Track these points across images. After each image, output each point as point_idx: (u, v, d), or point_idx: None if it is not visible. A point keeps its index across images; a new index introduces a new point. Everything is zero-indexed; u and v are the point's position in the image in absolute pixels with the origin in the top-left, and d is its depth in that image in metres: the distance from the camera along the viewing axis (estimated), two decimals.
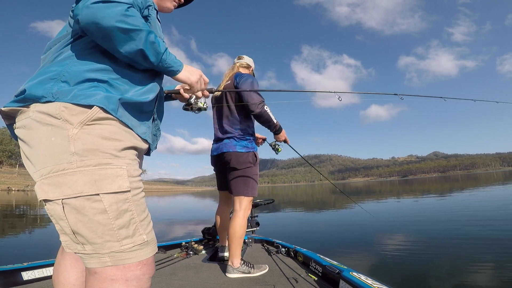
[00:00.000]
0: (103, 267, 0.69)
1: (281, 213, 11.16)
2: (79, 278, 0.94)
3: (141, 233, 0.74)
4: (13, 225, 8.39)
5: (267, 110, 2.09)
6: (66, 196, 0.66)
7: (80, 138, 0.68)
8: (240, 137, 2.15)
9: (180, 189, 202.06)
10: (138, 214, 0.74)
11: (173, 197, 41.32)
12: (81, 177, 0.66)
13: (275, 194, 38.33)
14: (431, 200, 13.13)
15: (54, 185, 0.67)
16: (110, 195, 0.69)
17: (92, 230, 0.68)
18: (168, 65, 0.86)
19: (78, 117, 0.68)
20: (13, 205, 17.86)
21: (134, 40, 0.74)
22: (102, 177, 0.68)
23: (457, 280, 3.01)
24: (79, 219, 0.67)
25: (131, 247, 0.71)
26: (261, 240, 3.08)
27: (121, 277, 0.69)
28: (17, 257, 3.63)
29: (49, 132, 0.67)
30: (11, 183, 68.17)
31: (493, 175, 64.16)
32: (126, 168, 0.72)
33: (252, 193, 2.13)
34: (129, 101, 0.78)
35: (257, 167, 2.19)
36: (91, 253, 0.69)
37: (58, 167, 0.67)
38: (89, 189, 0.67)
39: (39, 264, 1.93)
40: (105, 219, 0.68)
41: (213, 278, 1.98)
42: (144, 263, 0.73)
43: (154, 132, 0.96)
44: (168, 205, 21.69)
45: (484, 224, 5.83)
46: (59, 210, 0.68)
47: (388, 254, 4.18)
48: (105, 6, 0.68)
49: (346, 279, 1.59)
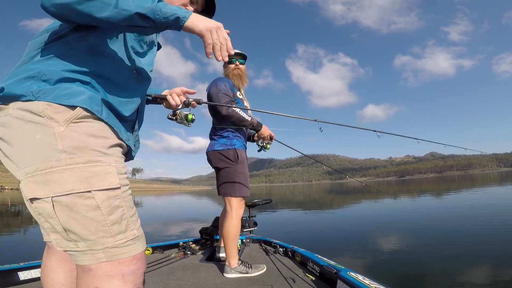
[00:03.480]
0: (98, 263, 0.69)
1: (278, 213, 11.17)
2: (67, 278, 0.93)
3: (132, 228, 0.74)
4: (8, 224, 8.32)
5: (236, 109, 2.04)
6: (56, 193, 0.65)
7: (67, 136, 0.67)
8: (219, 136, 2.17)
9: (177, 188, 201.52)
10: (128, 210, 0.74)
11: (170, 197, 41.19)
12: (71, 175, 0.66)
13: (272, 193, 38.37)
14: (428, 200, 13.22)
15: (42, 183, 0.66)
16: (102, 191, 0.69)
17: (86, 227, 0.67)
18: (164, 13, 0.71)
19: (63, 115, 0.67)
20: (8, 204, 17.72)
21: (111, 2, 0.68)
22: (93, 174, 0.68)
23: (454, 280, 3.03)
24: (71, 216, 0.67)
25: (124, 242, 0.71)
26: (259, 240, 3.08)
27: (117, 273, 0.69)
28: (13, 257, 3.59)
29: (32, 129, 0.66)
30: (5, 182, 67.62)
31: (489, 176, 64.63)
32: (115, 165, 0.73)
33: (240, 193, 2.08)
34: (112, 105, 0.78)
35: (242, 165, 2.12)
36: (85, 250, 0.69)
37: (45, 165, 0.65)
38: (81, 186, 0.66)
39: (35, 264, 1.93)
40: (98, 216, 0.68)
41: (211, 278, 1.98)
42: (138, 257, 0.74)
43: (133, 143, 0.95)
44: (165, 204, 21.64)
45: (482, 224, 5.87)
46: (48, 208, 0.67)
47: (385, 254, 4.20)
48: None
49: (344, 279, 1.59)
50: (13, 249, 4.92)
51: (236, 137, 2.17)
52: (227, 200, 2.10)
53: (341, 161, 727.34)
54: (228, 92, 2.08)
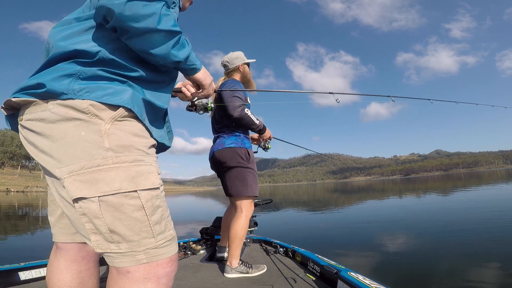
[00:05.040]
0: (138, 265, 0.68)
1: (279, 213, 11.15)
2: (74, 280, 0.92)
3: (169, 228, 0.75)
4: (15, 226, 8.43)
5: (248, 112, 2.04)
6: (103, 193, 0.64)
7: (113, 134, 0.66)
8: (229, 133, 2.14)
9: (181, 189, 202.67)
10: (166, 210, 0.75)
11: (174, 198, 41.40)
12: (118, 174, 0.65)
13: (276, 193, 38.35)
14: (433, 198, 13.08)
15: (89, 182, 0.64)
16: (146, 191, 0.68)
17: (130, 228, 0.66)
18: (191, 63, 0.85)
19: (107, 113, 0.66)
20: (15, 206, 17.97)
21: (167, 42, 0.72)
22: (138, 173, 0.68)
23: (463, 280, 2.97)
24: (116, 216, 0.65)
25: (164, 243, 0.71)
26: (259, 240, 3.08)
27: (153, 275, 0.69)
28: (14, 258, 3.63)
29: (77, 126, 0.65)
30: (11, 184, 68.53)
31: (496, 173, 63.84)
32: (155, 165, 0.73)
33: (252, 192, 2.07)
34: (150, 102, 0.77)
35: (252, 164, 2.12)
36: (126, 252, 0.67)
37: (92, 163, 0.64)
38: (127, 185, 0.66)
39: (36, 264, 1.93)
40: (142, 216, 0.68)
41: (211, 278, 1.98)
42: (173, 259, 0.74)
43: (166, 134, 0.94)
44: (170, 205, 21.60)
45: (490, 222, 5.78)
46: (95, 208, 0.65)
47: (386, 254, 4.16)
48: (145, 4, 0.65)
49: (344, 279, 1.58)
50: (18, 251, 4.97)
51: (246, 137, 2.18)
52: (237, 200, 2.08)
53: (345, 160, 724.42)
54: (242, 95, 2.08)
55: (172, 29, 0.71)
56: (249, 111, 2.07)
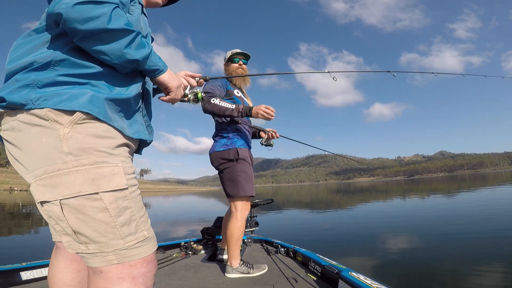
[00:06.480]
0: (109, 265, 0.69)
1: (281, 213, 11.13)
2: (74, 279, 0.93)
3: (142, 229, 0.74)
4: (19, 225, 8.51)
5: (215, 101, 1.95)
6: (64, 196, 0.66)
7: (72, 137, 0.67)
8: (220, 136, 2.16)
9: (184, 189, 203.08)
10: (137, 211, 0.74)
11: (177, 197, 41.54)
12: (78, 177, 0.66)
13: (279, 194, 38.30)
14: (437, 199, 12.97)
15: (50, 186, 0.66)
16: (109, 193, 0.68)
17: (95, 229, 0.67)
18: (153, 64, 0.82)
19: (65, 118, 0.67)
20: (19, 205, 18.14)
21: (119, 40, 0.71)
22: (99, 175, 0.68)
23: (466, 281, 2.95)
24: (80, 218, 0.67)
25: (135, 244, 0.71)
26: (260, 240, 3.07)
27: (128, 275, 0.70)
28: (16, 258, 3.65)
29: (39, 132, 0.66)
30: (15, 183, 69.21)
31: (501, 175, 63.15)
32: (121, 165, 0.72)
33: (244, 192, 2.03)
34: (114, 98, 0.76)
35: (243, 164, 2.07)
36: (96, 252, 0.69)
37: (52, 168, 0.66)
38: (88, 188, 0.66)
39: (37, 264, 1.94)
40: (107, 217, 0.68)
41: (212, 278, 1.97)
42: (148, 259, 0.74)
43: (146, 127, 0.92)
44: (172, 205, 21.82)
45: (495, 224, 5.72)
46: (57, 211, 0.67)
47: (387, 254, 4.13)
48: (93, 7, 0.66)
49: (345, 279, 1.57)
50: (22, 250, 5.01)
51: (237, 136, 2.14)
52: (231, 200, 2.09)
53: (349, 160, 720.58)
54: (211, 89, 2.00)
55: (124, 27, 0.70)
56: (217, 99, 1.97)
